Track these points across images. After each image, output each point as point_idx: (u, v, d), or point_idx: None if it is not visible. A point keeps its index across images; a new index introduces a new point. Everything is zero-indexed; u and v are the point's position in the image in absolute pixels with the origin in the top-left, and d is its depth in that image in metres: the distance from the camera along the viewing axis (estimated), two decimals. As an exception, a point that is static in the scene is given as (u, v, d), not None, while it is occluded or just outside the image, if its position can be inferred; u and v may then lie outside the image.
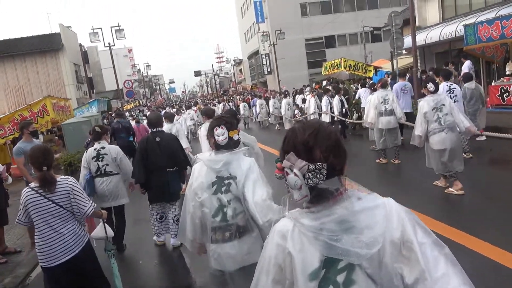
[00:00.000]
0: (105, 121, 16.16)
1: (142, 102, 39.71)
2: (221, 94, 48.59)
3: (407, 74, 12.14)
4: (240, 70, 53.67)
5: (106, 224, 3.48)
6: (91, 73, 29.21)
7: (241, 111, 19.41)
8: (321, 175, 1.15)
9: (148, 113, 24.45)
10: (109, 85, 34.19)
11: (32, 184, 2.97)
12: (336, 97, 11.16)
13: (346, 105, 11.57)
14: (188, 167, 5.19)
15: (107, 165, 4.85)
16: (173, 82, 78.74)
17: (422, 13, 17.87)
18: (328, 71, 19.84)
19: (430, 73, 12.99)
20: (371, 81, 13.54)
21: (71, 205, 2.98)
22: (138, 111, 28.16)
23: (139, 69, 51.29)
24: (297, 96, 18.89)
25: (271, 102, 17.87)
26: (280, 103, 16.58)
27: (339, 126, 10.90)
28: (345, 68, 17.79)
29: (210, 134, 2.55)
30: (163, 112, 20.77)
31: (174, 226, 4.89)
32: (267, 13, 35.11)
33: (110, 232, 3.50)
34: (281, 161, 1.23)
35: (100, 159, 4.83)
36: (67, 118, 12.14)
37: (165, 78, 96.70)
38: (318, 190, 1.17)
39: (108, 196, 4.86)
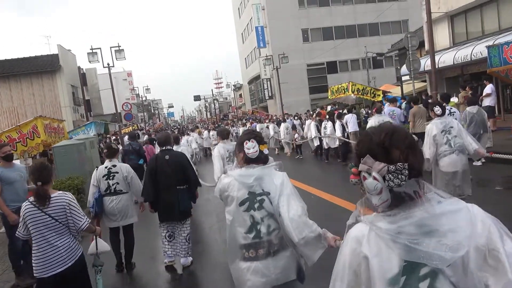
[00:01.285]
0: (101, 144, 15.22)
1: (140, 126, 38.95)
2: (221, 119, 48.08)
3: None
4: (240, 95, 53.40)
5: (99, 239, 3.55)
6: (89, 95, 28.48)
7: None
8: (402, 176, 1.10)
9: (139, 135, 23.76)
10: (107, 108, 33.47)
11: (31, 198, 3.10)
12: (338, 122, 11.63)
13: (347, 130, 12.06)
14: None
15: (117, 183, 4.82)
16: (172, 107, 78.45)
17: (431, 37, 17.45)
18: (334, 95, 19.21)
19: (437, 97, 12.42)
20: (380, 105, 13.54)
21: (66, 219, 3.08)
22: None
23: (138, 93, 50.78)
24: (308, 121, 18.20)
25: (270, 126, 17.74)
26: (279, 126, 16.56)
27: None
28: (353, 92, 17.17)
29: (239, 149, 2.51)
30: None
31: (187, 245, 4.81)
32: (268, 39, 35.08)
33: (102, 247, 3.58)
34: (355, 166, 1.20)
35: (111, 177, 4.81)
36: (60, 141, 11.23)
37: (163, 103, 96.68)
38: (396, 193, 1.13)
39: (117, 215, 4.83)
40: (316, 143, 13.23)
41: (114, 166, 4.84)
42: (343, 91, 18.21)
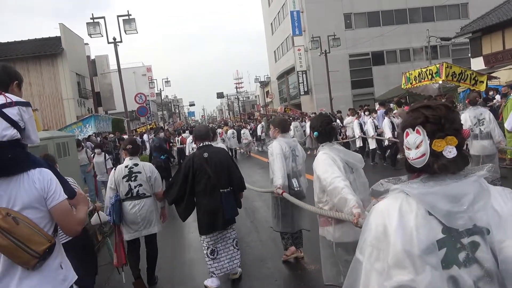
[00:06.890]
0: (91, 148, 9.99)
1: (159, 124, 35.01)
2: (248, 118, 43.93)
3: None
4: (267, 92, 48.93)
5: (100, 212, 3.90)
6: (99, 88, 24.49)
7: (292, 132, 16.36)
8: None
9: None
10: (121, 103, 29.51)
11: None
12: (386, 118, 10.65)
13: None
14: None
15: (140, 185, 4.20)
16: (193, 105, 74.79)
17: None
18: (411, 83, 14.49)
19: None
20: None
21: None
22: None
23: (159, 91, 47.06)
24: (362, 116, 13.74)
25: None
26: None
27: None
28: (446, 77, 12.41)
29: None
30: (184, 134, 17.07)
31: (235, 251, 4.20)
32: (305, 25, 30.49)
33: (104, 218, 3.93)
34: None
35: (132, 179, 4.19)
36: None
37: (184, 103, 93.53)
38: None
39: (140, 223, 4.18)
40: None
41: (136, 165, 4.18)
42: (428, 76, 13.46)
